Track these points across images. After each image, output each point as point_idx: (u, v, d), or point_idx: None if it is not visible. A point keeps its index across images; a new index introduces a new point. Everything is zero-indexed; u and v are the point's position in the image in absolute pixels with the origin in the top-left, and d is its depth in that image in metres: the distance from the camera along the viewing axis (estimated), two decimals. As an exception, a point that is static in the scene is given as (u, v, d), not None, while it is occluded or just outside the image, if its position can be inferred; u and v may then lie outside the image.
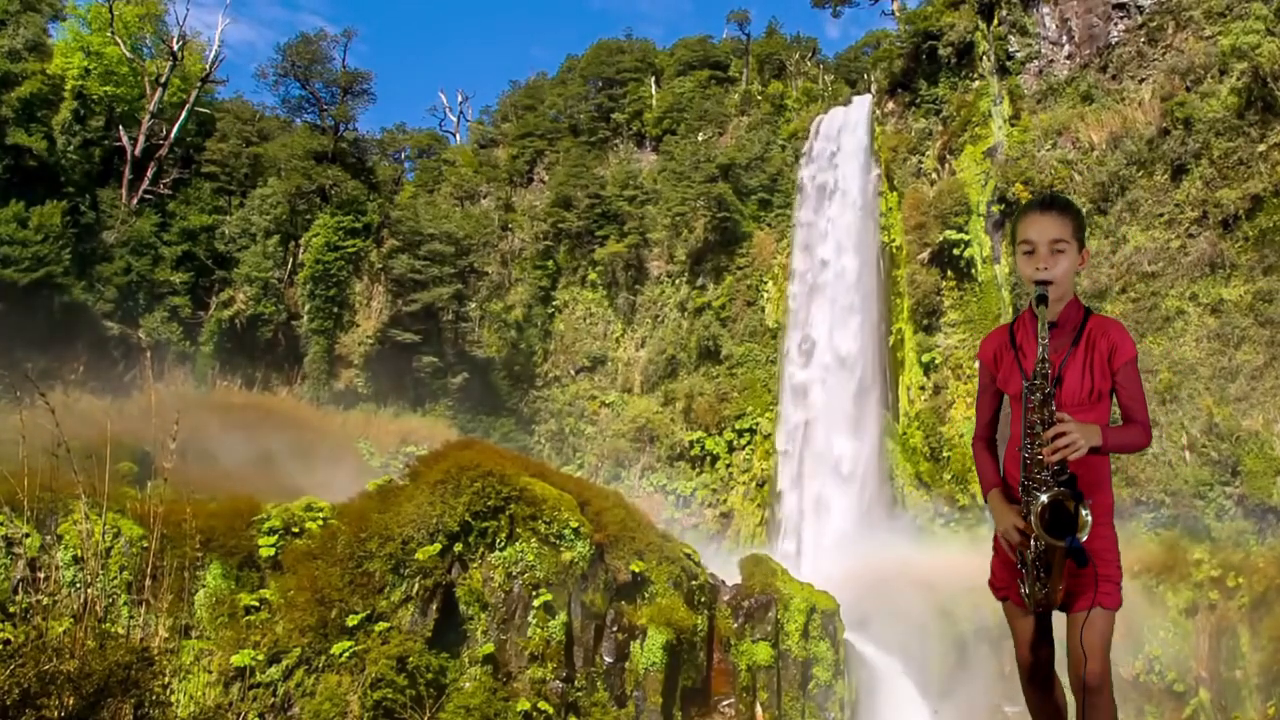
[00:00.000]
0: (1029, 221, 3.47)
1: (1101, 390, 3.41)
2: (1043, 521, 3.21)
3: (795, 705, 20.87)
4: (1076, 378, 3.41)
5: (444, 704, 17.50)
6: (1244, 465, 24.86)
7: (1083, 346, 3.43)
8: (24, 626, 3.93)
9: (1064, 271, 3.40)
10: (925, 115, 38.19)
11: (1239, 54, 28.09)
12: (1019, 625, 3.59)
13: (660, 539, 21.93)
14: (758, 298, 43.28)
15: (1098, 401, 3.42)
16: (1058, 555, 3.25)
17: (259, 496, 20.09)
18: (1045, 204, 3.49)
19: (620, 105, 52.43)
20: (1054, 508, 3.21)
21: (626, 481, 41.04)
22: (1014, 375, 3.51)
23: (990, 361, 3.64)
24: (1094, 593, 3.37)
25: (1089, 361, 3.42)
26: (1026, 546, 3.32)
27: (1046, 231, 3.41)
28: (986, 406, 3.73)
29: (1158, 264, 28.61)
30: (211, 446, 26.71)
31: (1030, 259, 3.43)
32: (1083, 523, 3.18)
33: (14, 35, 36.60)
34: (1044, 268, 3.38)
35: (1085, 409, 3.37)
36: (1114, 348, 3.41)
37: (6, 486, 4.67)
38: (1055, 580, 3.31)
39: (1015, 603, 3.53)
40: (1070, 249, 3.41)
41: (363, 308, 44.17)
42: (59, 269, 34.38)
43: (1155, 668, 21.91)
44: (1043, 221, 3.44)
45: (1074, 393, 3.39)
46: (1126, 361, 3.40)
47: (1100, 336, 3.43)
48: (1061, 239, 3.40)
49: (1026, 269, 3.45)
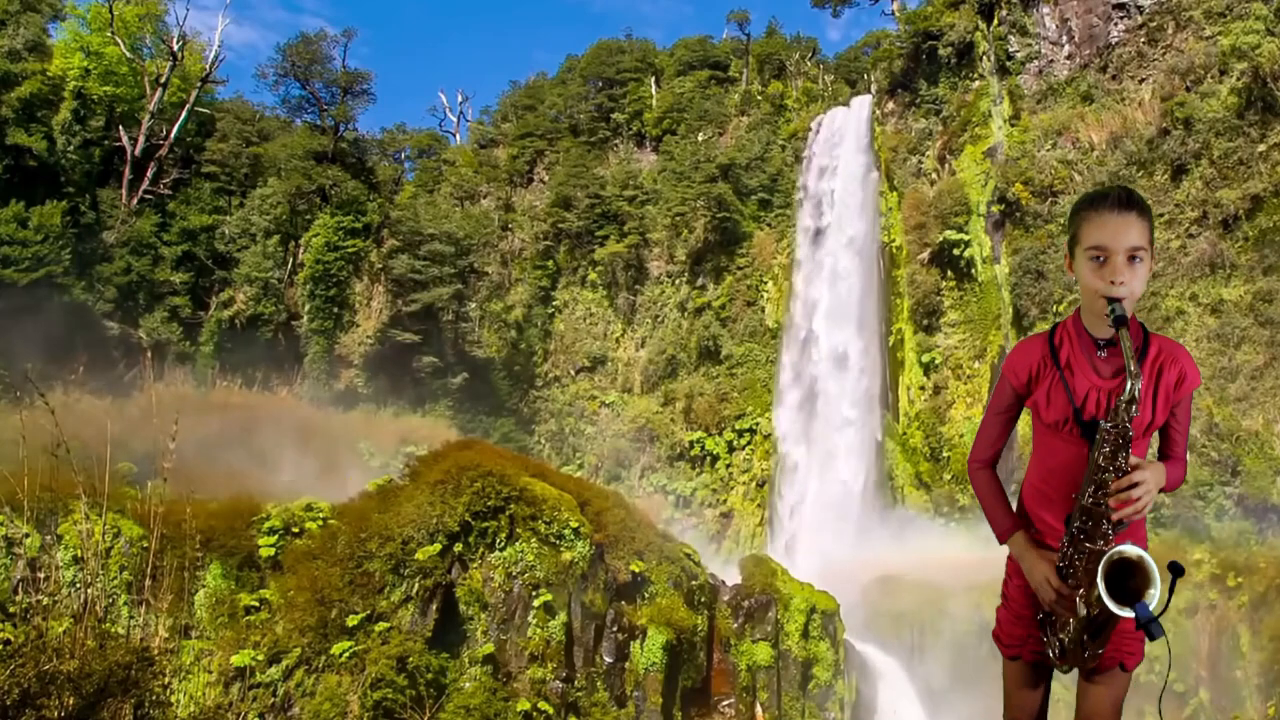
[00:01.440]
0: (1101, 223, 2.82)
1: (1158, 424, 2.92)
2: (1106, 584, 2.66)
3: (795, 705, 20.87)
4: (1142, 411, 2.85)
5: (444, 704, 17.50)
6: (1244, 465, 24.86)
7: (1147, 374, 2.88)
8: (24, 626, 3.93)
9: (1140, 285, 2.82)
10: (925, 115, 38.19)
11: (1239, 54, 28.09)
12: (1022, 693, 3.15)
13: (660, 539, 21.93)
14: (758, 298, 43.29)
15: (1148, 435, 2.94)
16: (1114, 621, 2.74)
17: (259, 496, 20.08)
18: (1123, 202, 2.83)
19: (620, 105, 52.44)
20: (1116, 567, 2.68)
21: (626, 481, 41.04)
22: (1057, 399, 2.93)
23: (1023, 381, 3.02)
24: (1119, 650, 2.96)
25: (1153, 392, 2.89)
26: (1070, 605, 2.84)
27: (1125, 237, 2.78)
28: (1001, 428, 3.16)
29: (1158, 264, 28.61)
30: (211, 446, 26.70)
31: (1101, 269, 2.79)
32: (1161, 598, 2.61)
33: (14, 35, 36.60)
34: (1121, 281, 2.76)
35: (1135, 444, 2.84)
36: (1183, 376, 2.90)
37: (6, 486, 4.67)
38: (1099, 645, 2.84)
39: (1029, 660, 3.10)
40: (1147, 257, 2.82)
41: (363, 308, 44.17)
42: (59, 269, 34.39)
43: (1155, 667, 21.90)
44: (1120, 224, 2.79)
45: (1136, 428, 2.83)
46: (1191, 392, 2.94)
47: (1169, 363, 2.90)
48: (1141, 246, 2.80)
49: (1096, 281, 2.80)
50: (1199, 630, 21.76)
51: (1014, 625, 3.14)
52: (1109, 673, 3.00)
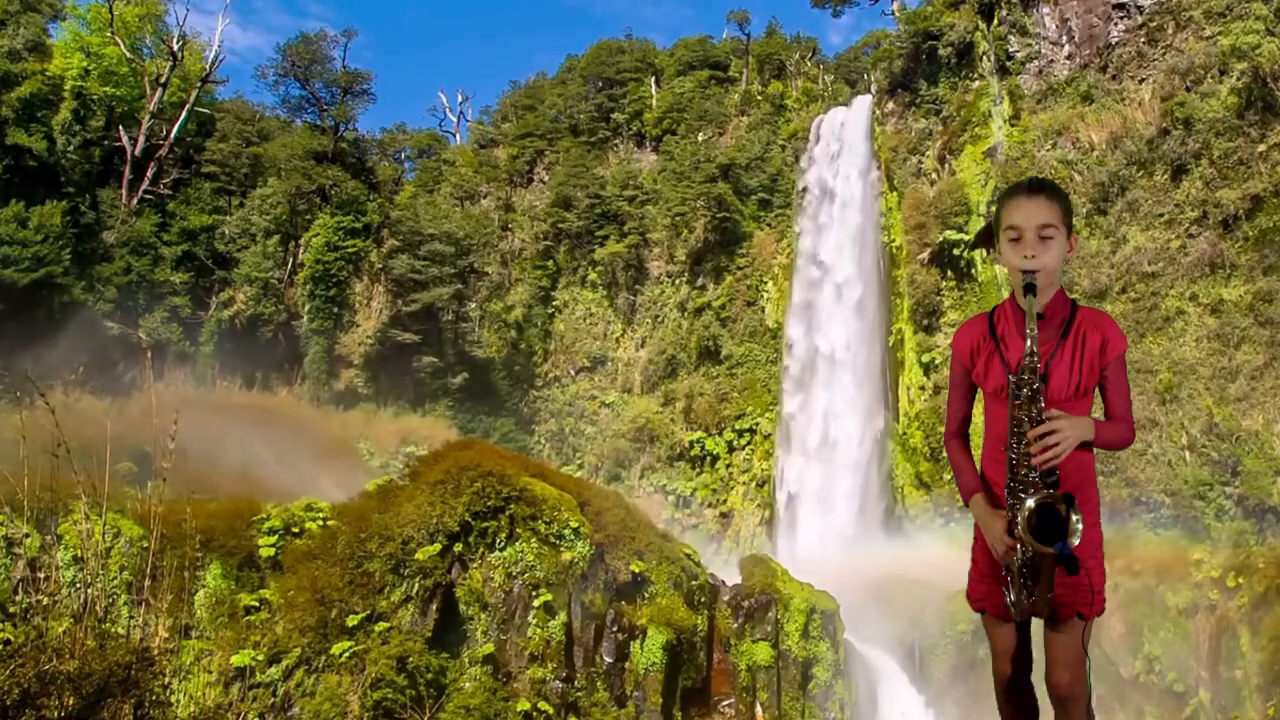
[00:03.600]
0: (1015, 206, 3.20)
1: (1088, 387, 3.21)
2: (1030, 527, 2.98)
3: (795, 705, 20.87)
4: (1064, 373, 3.19)
5: (444, 704, 17.50)
6: (1244, 465, 24.85)
7: (1071, 340, 3.21)
8: (24, 626, 3.93)
9: (1053, 259, 3.15)
10: (925, 115, 38.19)
11: (1239, 54, 28.09)
12: (998, 635, 3.42)
13: (660, 539, 21.93)
14: (758, 298, 43.29)
15: (1082, 398, 3.22)
16: (1046, 562, 3.03)
17: (259, 496, 20.09)
18: (1033, 187, 3.23)
19: (620, 105, 52.44)
20: (1042, 511, 2.99)
21: (626, 481, 41.04)
22: (994, 369, 3.27)
23: (966, 355, 3.38)
24: (1076, 600, 3.21)
25: (1078, 356, 3.20)
26: (1014, 554, 3.11)
27: (1034, 216, 3.16)
28: (961, 402, 3.49)
29: (1158, 264, 28.61)
30: (211, 446, 26.69)
31: (1016, 246, 3.17)
32: (1073, 528, 2.94)
33: (14, 35, 36.61)
34: (1031, 255, 3.13)
35: (1070, 406, 3.16)
36: (1105, 341, 3.21)
37: (6, 486, 4.67)
38: (1044, 588, 3.10)
39: (994, 614, 3.37)
40: (1059, 235, 3.18)
41: (363, 308, 44.17)
42: (59, 269, 34.39)
43: (1155, 668, 21.90)
44: (1030, 206, 3.18)
45: (1061, 389, 3.17)
46: (1118, 355, 3.22)
47: (1091, 329, 3.22)
48: (1050, 224, 3.16)
49: (1012, 257, 3.18)
50: (1199, 630, 21.75)
51: (978, 583, 3.43)
52: (1068, 622, 3.24)
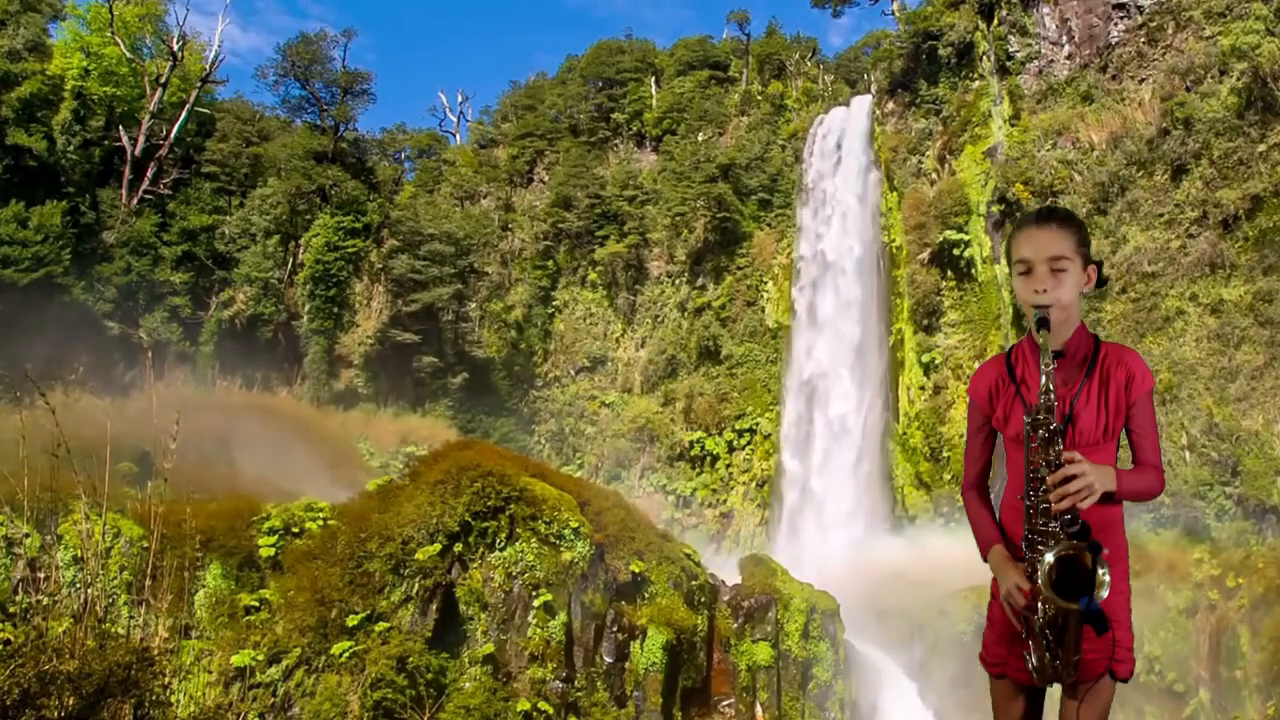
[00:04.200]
0: (1024, 237, 3.03)
1: (1115, 429, 3.00)
2: (1051, 582, 2.74)
3: (795, 705, 20.86)
4: (1092, 415, 2.96)
5: (444, 704, 17.49)
6: (1244, 465, 24.85)
7: (1097, 378, 2.99)
8: (24, 626, 3.93)
9: (1068, 293, 2.96)
10: (925, 115, 38.19)
11: (1239, 54, 28.08)
12: (1009, 706, 3.14)
13: (660, 539, 21.93)
14: (758, 298, 43.28)
15: (1109, 440, 3.00)
16: (1072, 621, 2.79)
17: (259, 496, 20.09)
18: (1043, 217, 3.05)
19: (620, 105, 52.43)
20: (1064, 564, 2.74)
21: (626, 481, 41.03)
22: (1015, 413, 3.05)
23: (984, 399, 3.16)
24: (1105, 659, 2.96)
25: (1104, 395, 2.98)
26: (1033, 611, 2.86)
27: (1044, 248, 2.97)
28: (980, 451, 3.26)
29: (1158, 264, 28.60)
30: (211, 446, 26.70)
31: (1027, 280, 3.00)
32: (1100, 580, 2.70)
33: (14, 35, 36.60)
34: (1043, 290, 2.95)
35: (1096, 450, 2.94)
36: (1131, 377, 2.99)
37: (6, 486, 4.67)
38: (1069, 651, 2.84)
39: (1014, 678, 3.08)
40: (1073, 267, 2.98)
41: (363, 308, 44.17)
42: (59, 269, 34.38)
43: (1155, 668, 21.90)
44: (1040, 237, 3.00)
45: (1090, 431, 2.95)
46: (1145, 393, 2.99)
47: (1116, 366, 3.01)
48: (1062, 256, 2.97)
49: (1024, 292, 3.01)
50: (1199, 630, 21.75)
51: (997, 645, 3.15)
52: (1096, 684, 2.99)
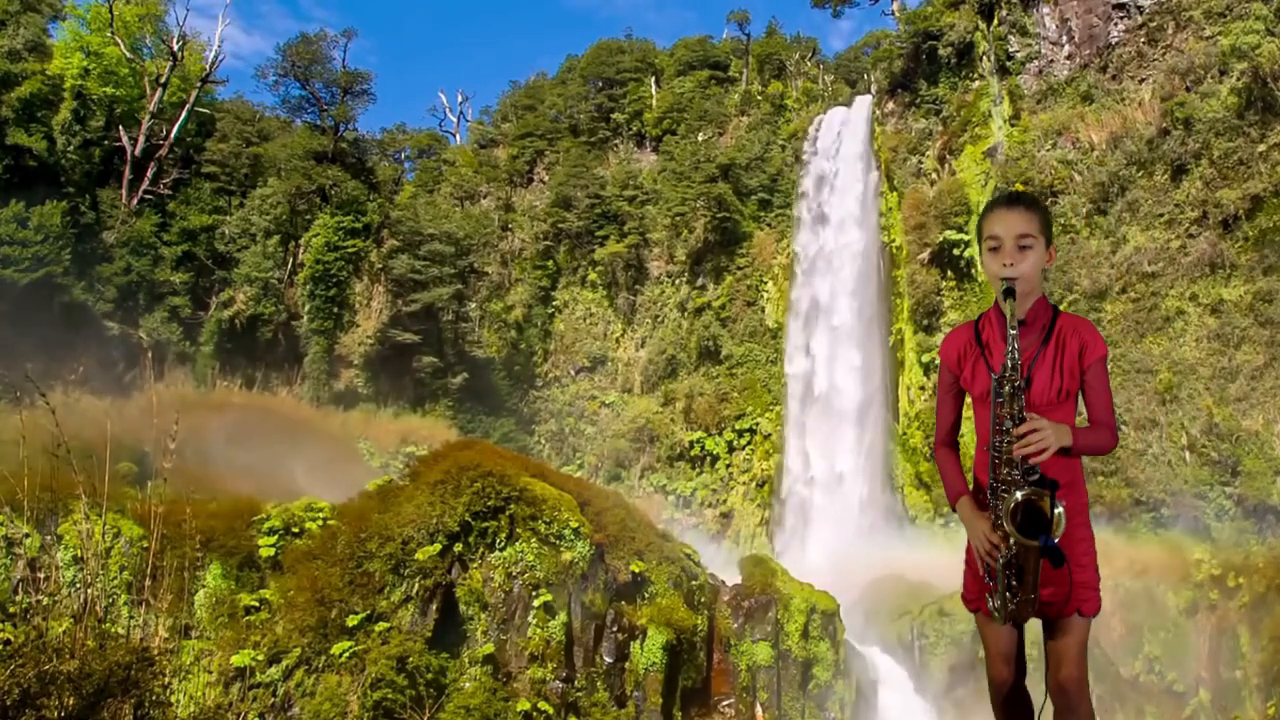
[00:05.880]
0: (995, 217, 3.40)
1: (1069, 390, 3.33)
2: (1014, 521, 3.06)
3: (795, 705, 20.86)
4: (1045, 377, 3.32)
5: (444, 704, 17.49)
6: (1244, 465, 24.85)
7: (1052, 345, 3.35)
8: (24, 626, 3.93)
9: (1031, 267, 3.33)
10: (925, 115, 38.18)
11: (1239, 54, 28.08)
12: (992, 637, 3.49)
13: (660, 539, 21.92)
14: (758, 298, 43.28)
15: (1065, 402, 3.34)
16: (1031, 559, 3.10)
17: (259, 496, 20.09)
18: (1011, 200, 3.43)
19: (620, 105, 52.42)
20: (1026, 507, 3.07)
21: (626, 481, 41.03)
22: (980, 374, 3.41)
23: (953, 361, 3.54)
24: (1072, 599, 3.29)
25: (1058, 361, 3.34)
26: (997, 555, 3.18)
27: (1013, 227, 3.35)
28: (949, 409, 3.63)
29: (1158, 264, 28.60)
30: (211, 446, 26.69)
31: (996, 255, 3.36)
32: (1056, 521, 3.04)
33: (14, 35, 36.60)
34: (1010, 263, 3.31)
35: (1052, 410, 3.27)
36: (1084, 346, 3.33)
37: (6, 486, 4.67)
38: (1027, 589, 3.17)
39: (986, 614, 3.43)
40: (1037, 245, 3.35)
41: (363, 308, 44.16)
42: (59, 269, 34.38)
43: (1155, 668, 21.91)
44: (1009, 217, 3.37)
45: (1043, 392, 3.30)
46: (1097, 360, 3.33)
47: (1070, 335, 3.36)
48: (1028, 234, 3.34)
49: (993, 265, 3.38)
50: (1199, 630, 21.75)
51: (973, 581, 3.50)
52: (1069, 620, 3.34)
